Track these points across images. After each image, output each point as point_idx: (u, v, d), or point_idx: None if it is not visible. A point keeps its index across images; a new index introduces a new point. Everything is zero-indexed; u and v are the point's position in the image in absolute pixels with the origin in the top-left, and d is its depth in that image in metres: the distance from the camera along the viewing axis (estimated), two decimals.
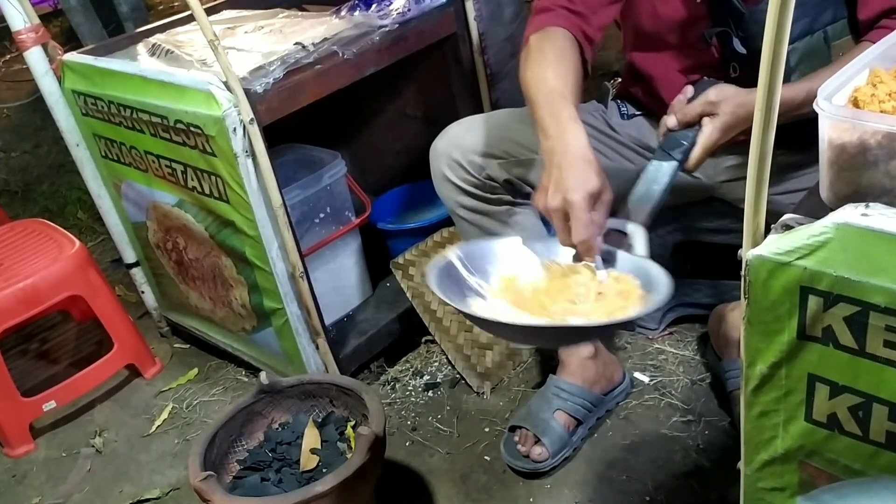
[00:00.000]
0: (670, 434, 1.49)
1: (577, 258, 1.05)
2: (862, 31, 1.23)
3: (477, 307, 0.99)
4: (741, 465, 0.83)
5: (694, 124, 1.17)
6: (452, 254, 1.04)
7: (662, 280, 0.96)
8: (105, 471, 1.69)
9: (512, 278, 1.05)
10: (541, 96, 1.17)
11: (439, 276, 0.99)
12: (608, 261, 1.04)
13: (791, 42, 1.19)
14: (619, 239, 1.06)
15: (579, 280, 1.02)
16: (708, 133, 1.15)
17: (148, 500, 1.58)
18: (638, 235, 1.05)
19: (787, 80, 1.20)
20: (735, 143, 1.31)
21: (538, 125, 1.15)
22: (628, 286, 0.99)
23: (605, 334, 1.07)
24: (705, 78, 1.21)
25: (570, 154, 1.07)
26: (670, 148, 1.16)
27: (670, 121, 1.18)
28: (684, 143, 1.16)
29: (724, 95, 1.15)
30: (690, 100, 1.18)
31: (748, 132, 0.87)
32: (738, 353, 1.42)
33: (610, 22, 1.34)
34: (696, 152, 1.15)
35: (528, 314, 0.97)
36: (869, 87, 0.76)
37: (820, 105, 0.71)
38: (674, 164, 1.15)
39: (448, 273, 1.02)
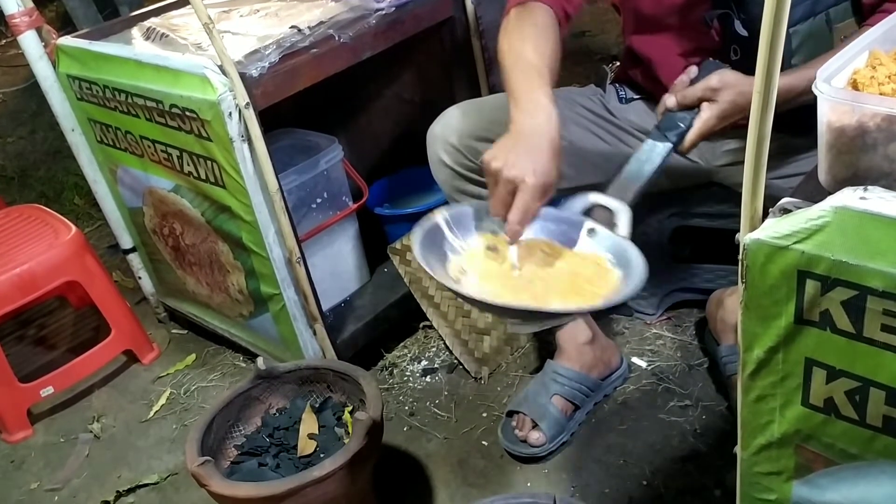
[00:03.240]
0: (668, 419, 1.49)
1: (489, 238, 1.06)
2: (865, 14, 1.22)
3: (460, 285, 1.00)
4: (738, 449, 0.83)
5: (693, 107, 1.16)
6: (439, 215, 1.04)
7: (639, 266, 0.96)
8: (103, 456, 1.69)
9: (491, 242, 1.05)
10: (518, 67, 1.16)
11: (423, 240, 1.00)
12: (591, 235, 1.04)
13: (792, 25, 1.19)
14: (604, 215, 1.05)
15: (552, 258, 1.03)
16: (705, 119, 1.15)
17: (146, 485, 1.59)
18: (623, 214, 1.04)
19: (787, 63, 1.19)
20: (734, 126, 1.31)
21: (510, 94, 1.13)
22: (604, 268, 0.99)
23: (575, 317, 1.08)
24: (710, 59, 1.20)
25: (542, 135, 1.06)
26: (666, 129, 1.16)
27: (670, 101, 1.18)
28: (681, 125, 1.16)
29: (726, 82, 1.14)
30: (693, 81, 1.18)
31: (747, 118, 0.86)
32: (735, 337, 1.42)
33: (584, 3, 1.33)
34: (690, 136, 1.15)
35: (508, 288, 0.98)
36: (868, 69, 0.75)
37: (819, 87, 0.70)
38: (668, 145, 1.15)
39: (433, 235, 1.02)
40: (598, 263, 1.00)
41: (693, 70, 1.19)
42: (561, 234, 1.06)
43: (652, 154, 1.14)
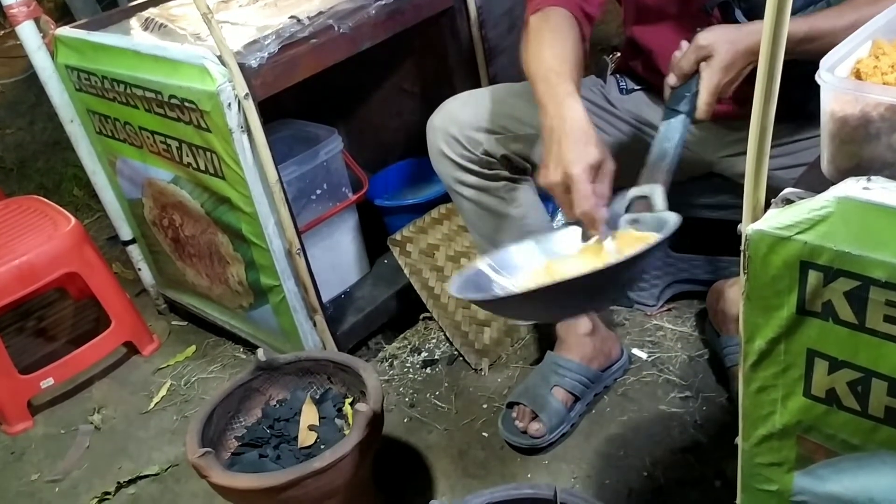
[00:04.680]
0: (668, 410, 1.49)
1: (585, 236, 1.05)
2: None
3: (500, 289, 0.99)
4: (739, 440, 0.83)
5: (693, 74, 1.15)
6: (482, 262, 1.03)
7: (672, 218, 0.96)
8: (104, 447, 1.69)
9: (544, 269, 1.05)
10: (539, 76, 1.17)
11: (464, 284, 0.99)
12: (634, 226, 1.03)
13: (795, 11, 1.18)
14: (643, 204, 1.06)
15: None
16: (708, 76, 1.13)
17: (147, 476, 1.59)
18: (657, 193, 1.05)
19: None
20: (736, 116, 1.30)
21: (538, 102, 1.14)
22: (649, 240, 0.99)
23: (622, 278, 1.05)
24: (698, 29, 1.19)
25: (568, 128, 1.07)
26: (675, 104, 1.15)
27: (671, 79, 1.17)
28: (687, 94, 1.14)
29: (713, 37, 1.12)
30: None
31: (752, 69, 0.83)
32: (736, 328, 1.41)
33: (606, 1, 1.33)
34: (701, 98, 1.13)
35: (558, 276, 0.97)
36: (871, 58, 0.74)
37: (822, 77, 0.70)
38: (681, 116, 1.14)
39: (476, 280, 1.01)
40: (643, 239, 1.00)
41: (684, 44, 1.18)
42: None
43: (669, 131, 1.13)
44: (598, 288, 0.97)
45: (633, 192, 1.07)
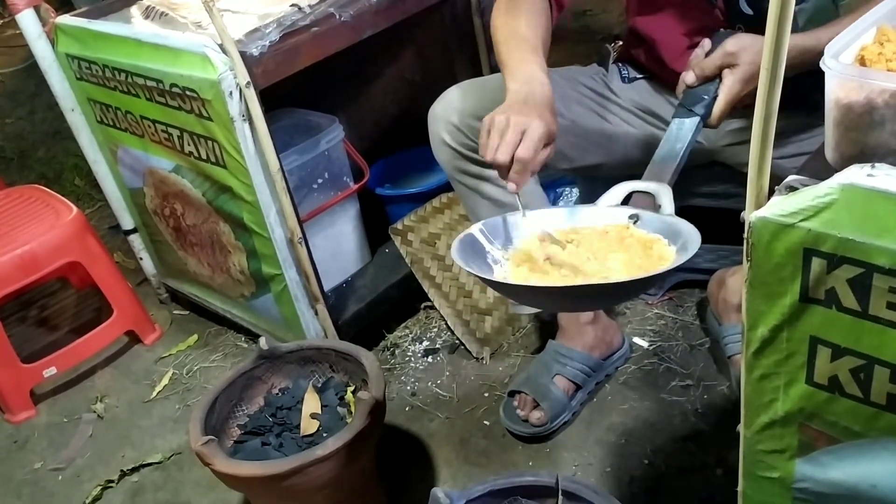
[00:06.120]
0: (669, 398, 1.50)
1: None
2: None
3: (505, 275, 0.99)
4: (741, 427, 0.83)
5: (713, 78, 1.14)
6: (475, 228, 1.03)
7: (692, 234, 0.94)
8: (107, 436, 1.70)
9: (534, 241, 1.05)
10: (511, 42, 1.17)
11: (463, 250, 0.99)
12: (635, 221, 1.02)
13: (799, 2, 1.18)
14: (643, 200, 1.04)
15: (592, 238, 1.01)
16: (729, 85, 1.12)
17: (150, 464, 1.59)
18: (664, 194, 1.03)
19: None
20: (744, 106, 1.29)
21: (505, 68, 1.15)
22: (656, 245, 0.98)
23: (636, 291, 1.03)
24: (721, 30, 1.19)
25: (538, 96, 1.08)
26: (691, 104, 1.14)
27: (689, 77, 1.16)
28: (705, 97, 1.13)
29: (742, 45, 1.12)
30: (708, 53, 1.16)
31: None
32: (737, 317, 1.42)
33: None
34: (718, 105, 1.13)
35: (555, 278, 0.96)
36: (876, 45, 0.74)
37: (827, 63, 0.70)
38: (696, 119, 1.13)
39: (471, 246, 1.01)
40: (650, 243, 0.98)
41: (707, 43, 1.17)
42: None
43: (681, 132, 1.12)
44: (600, 296, 0.97)
45: (637, 185, 1.05)
